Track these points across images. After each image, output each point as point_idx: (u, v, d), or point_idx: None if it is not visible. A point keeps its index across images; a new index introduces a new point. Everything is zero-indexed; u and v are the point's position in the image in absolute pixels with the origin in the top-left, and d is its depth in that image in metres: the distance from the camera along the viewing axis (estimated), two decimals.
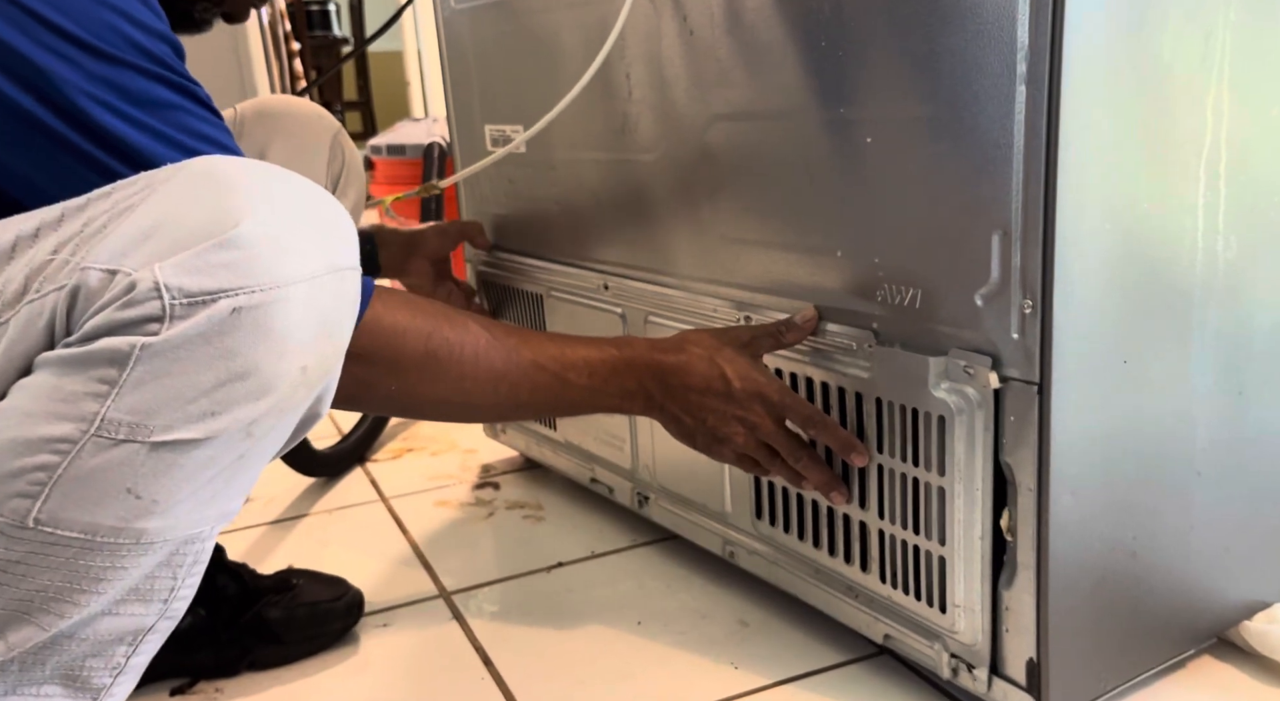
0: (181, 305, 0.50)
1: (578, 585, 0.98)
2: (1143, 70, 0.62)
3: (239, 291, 0.51)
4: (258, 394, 0.53)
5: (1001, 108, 0.60)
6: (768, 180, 0.79)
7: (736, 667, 0.83)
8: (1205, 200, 0.66)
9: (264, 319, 0.51)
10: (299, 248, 0.53)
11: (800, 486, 0.78)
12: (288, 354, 0.53)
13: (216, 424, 0.52)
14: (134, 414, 0.51)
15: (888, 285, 0.71)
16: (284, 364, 0.53)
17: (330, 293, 0.55)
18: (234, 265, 0.51)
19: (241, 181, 0.53)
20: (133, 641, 0.57)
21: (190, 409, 0.51)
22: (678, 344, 0.76)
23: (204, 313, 0.50)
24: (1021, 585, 0.67)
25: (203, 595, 0.84)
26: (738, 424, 0.74)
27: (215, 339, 0.51)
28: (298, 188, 0.56)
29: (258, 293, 0.51)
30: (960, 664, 0.72)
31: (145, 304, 0.50)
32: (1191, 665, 0.77)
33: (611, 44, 0.86)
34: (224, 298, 0.50)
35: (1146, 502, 0.69)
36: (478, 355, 0.71)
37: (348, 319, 0.57)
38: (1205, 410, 0.71)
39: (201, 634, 0.85)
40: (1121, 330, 0.65)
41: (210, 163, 0.54)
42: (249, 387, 0.52)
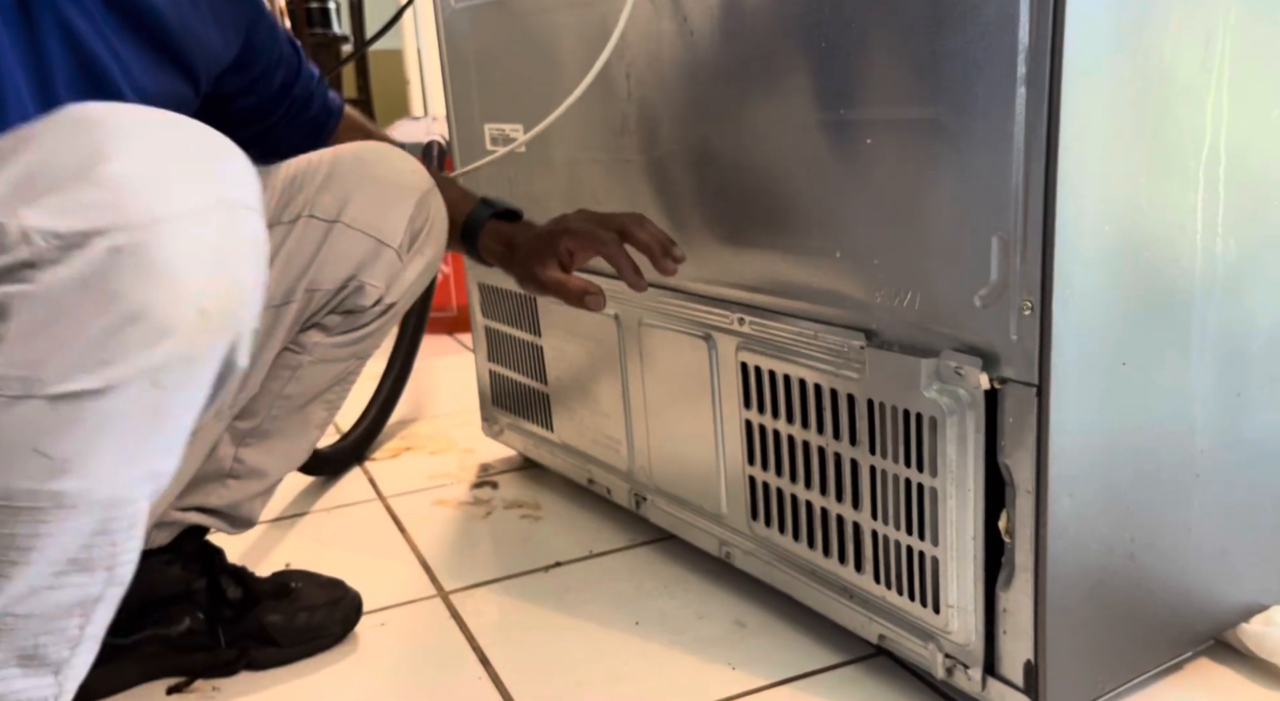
0: (54, 248, 0.48)
1: (575, 585, 0.98)
2: (1143, 73, 0.62)
3: (113, 229, 0.48)
4: (154, 338, 0.50)
5: (1002, 109, 0.60)
6: (767, 181, 0.79)
7: (733, 668, 0.83)
8: (1205, 202, 0.66)
9: (145, 257, 0.49)
10: (177, 182, 0.50)
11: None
12: (180, 294, 0.50)
13: (115, 372, 0.50)
14: (24, 367, 0.49)
15: (887, 286, 0.71)
16: (178, 305, 0.50)
17: (219, 227, 0.51)
18: (105, 203, 0.48)
19: (113, 120, 0.51)
20: (83, 612, 0.56)
21: (84, 357, 0.49)
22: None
23: (80, 255, 0.48)
24: (1019, 587, 0.67)
25: (204, 598, 0.84)
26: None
27: (96, 281, 0.48)
28: (180, 125, 0.53)
29: (136, 230, 0.48)
30: (955, 664, 0.72)
31: (14, 250, 0.48)
32: (1189, 667, 0.77)
33: (614, 44, 0.86)
34: (98, 237, 0.48)
35: (1145, 504, 0.69)
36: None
37: (250, 257, 0.54)
38: (1204, 412, 0.71)
39: (201, 636, 0.84)
40: (1120, 332, 0.65)
41: (82, 107, 0.52)
42: (143, 332, 0.50)
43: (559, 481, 1.22)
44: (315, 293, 0.83)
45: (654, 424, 0.98)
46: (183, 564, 0.85)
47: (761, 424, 0.84)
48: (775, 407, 0.82)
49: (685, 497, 0.97)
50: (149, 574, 0.83)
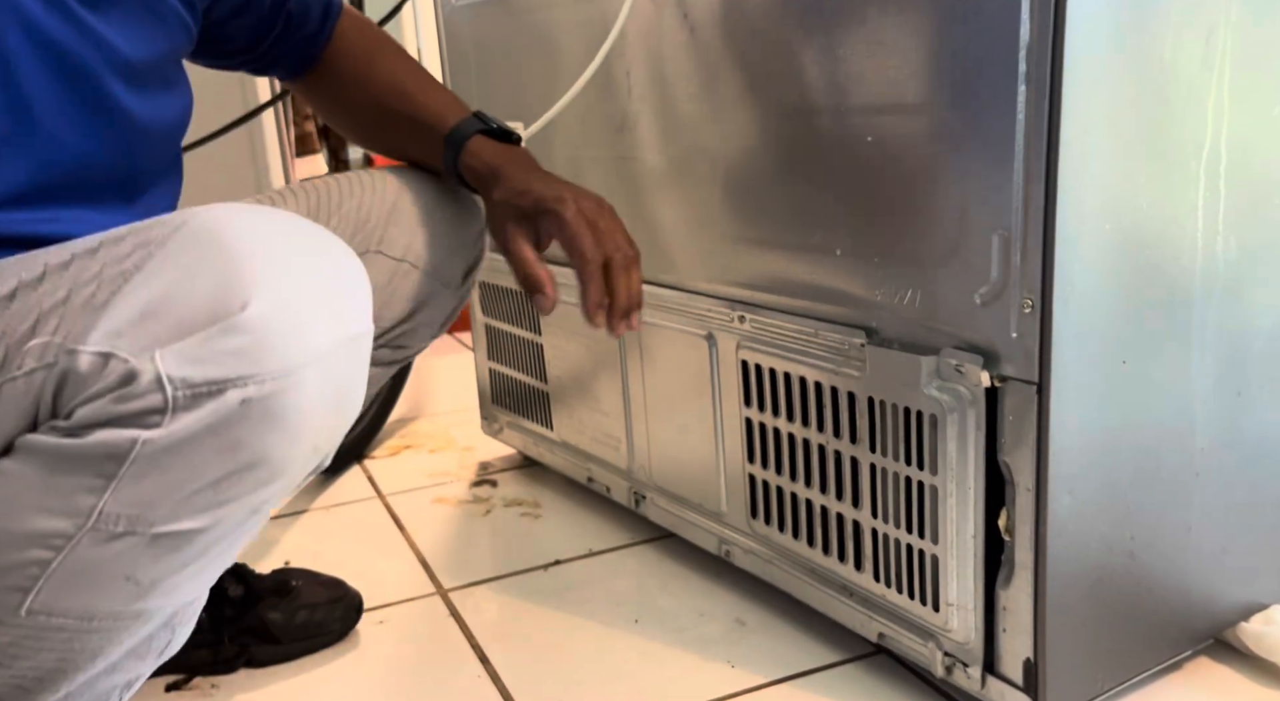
0: (185, 396, 0.46)
1: (575, 583, 0.98)
2: (1144, 70, 0.62)
3: (248, 380, 0.47)
4: (267, 480, 0.50)
5: (1003, 107, 0.60)
6: (768, 178, 0.79)
7: (733, 666, 0.83)
8: (1205, 200, 0.66)
9: (275, 407, 0.48)
10: (311, 324, 0.49)
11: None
12: (300, 438, 0.50)
13: (222, 512, 0.50)
14: (133, 507, 0.48)
15: (887, 284, 0.71)
16: (295, 449, 0.50)
17: (344, 366, 0.51)
18: (242, 352, 0.47)
19: (247, 247, 0.49)
20: (128, 685, 0.57)
21: (195, 501, 0.49)
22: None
23: (210, 405, 0.47)
24: (1019, 585, 0.67)
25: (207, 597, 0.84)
26: None
27: (222, 430, 0.47)
28: (309, 248, 0.52)
29: (268, 381, 0.47)
30: (954, 662, 0.72)
31: (146, 396, 0.46)
32: (1188, 666, 0.77)
33: (612, 41, 0.86)
34: (232, 389, 0.47)
35: (1145, 503, 0.69)
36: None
37: (360, 385, 0.54)
38: (1204, 411, 0.70)
39: (202, 634, 0.84)
40: (1121, 330, 0.65)
41: (212, 222, 0.50)
42: (258, 476, 0.49)
43: (558, 479, 1.22)
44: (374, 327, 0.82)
45: (654, 422, 0.98)
46: None
47: (761, 422, 0.84)
48: (775, 405, 0.82)
49: (685, 496, 0.96)
50: None
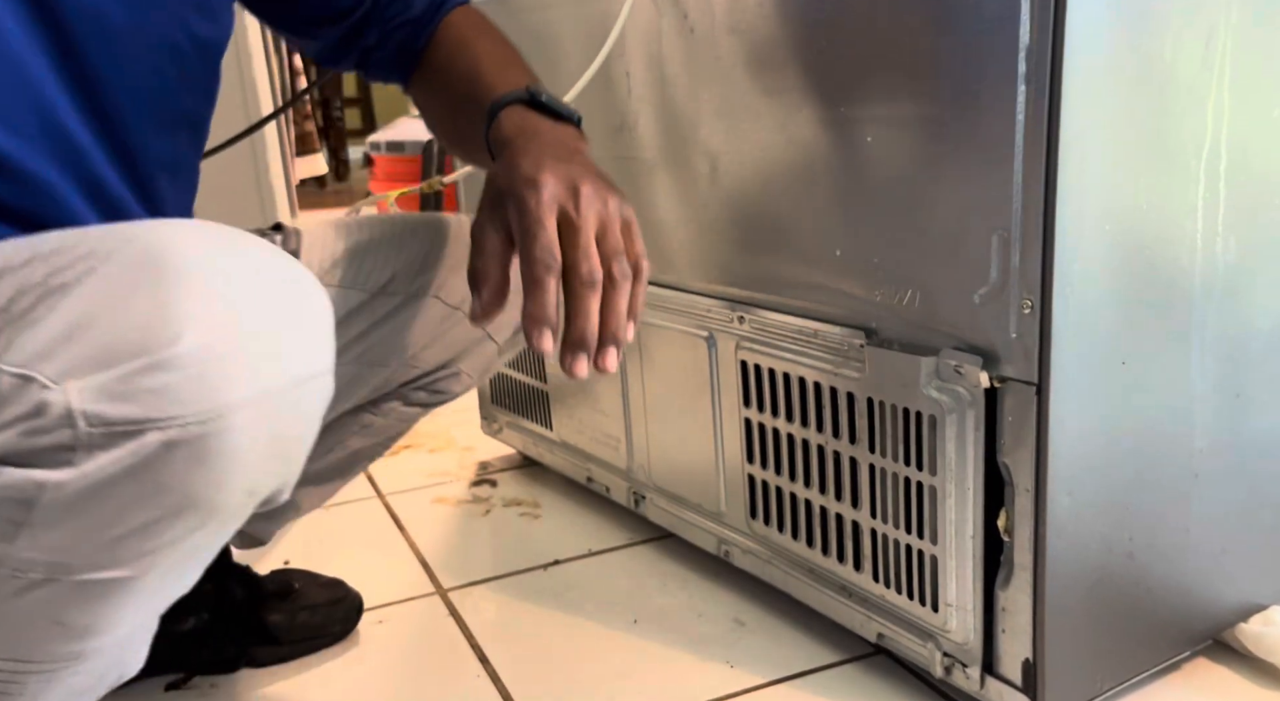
0: (100, 434, 0.42)
1: (574, 583, 0.98)
2: (1144, 71, 0.62)
3: (171, 422, 0.42)
4: (198, 526, 0.45)
5: (1002, 107, 0.60)
6: (767, 179, 0.79)
7: (732, 666, 0.83)
8: (1205, 201, 0.66)
9: (201, 451, 0.43)
10: (250, 362, 0.44)
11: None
12: (231, 484, 0.45)
13: (153, 559, 0.46)
14: (50, 554, 0.44)
15: (886, 284, 0.71)
16: (226, 494, 0.45)
17: (287, 410, 0.45)
18: (168, 391, 0.42)
19: (193, 273, 0.44)
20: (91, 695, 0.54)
21: (120, 548, 0.44)
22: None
23: (128, 446, 0.42)
24: (1018, 585, 0.67)
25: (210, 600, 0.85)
26: None
27: (142, 474, 0.42)
28: (266, 279, 0.46)
29: (193, 424, 0.42)
30: (953, 662, 0.72)
31: (55, 432, 0.42)
32: (1187, 667, 0.77)
33: (613, 42, 0.86)
34: (152, 430, 0.42)
35: (1144, 504, 0.69)
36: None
37: (308, 433, 0.48)
38: (1203, 412, 0.71)
39: (204, 634, 0.85)
40: (1120, 331, 0.65)
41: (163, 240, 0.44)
42: (188, 522, 0.45)
43: (558, 479, 1.22)
44: (413, 368, 0.81)
45: (653, 422, 0.98)
46: None
47: (761, 422, 0.84)
48: (775, 406, 0.82)
49: (684, 496, 0.96)
50: None
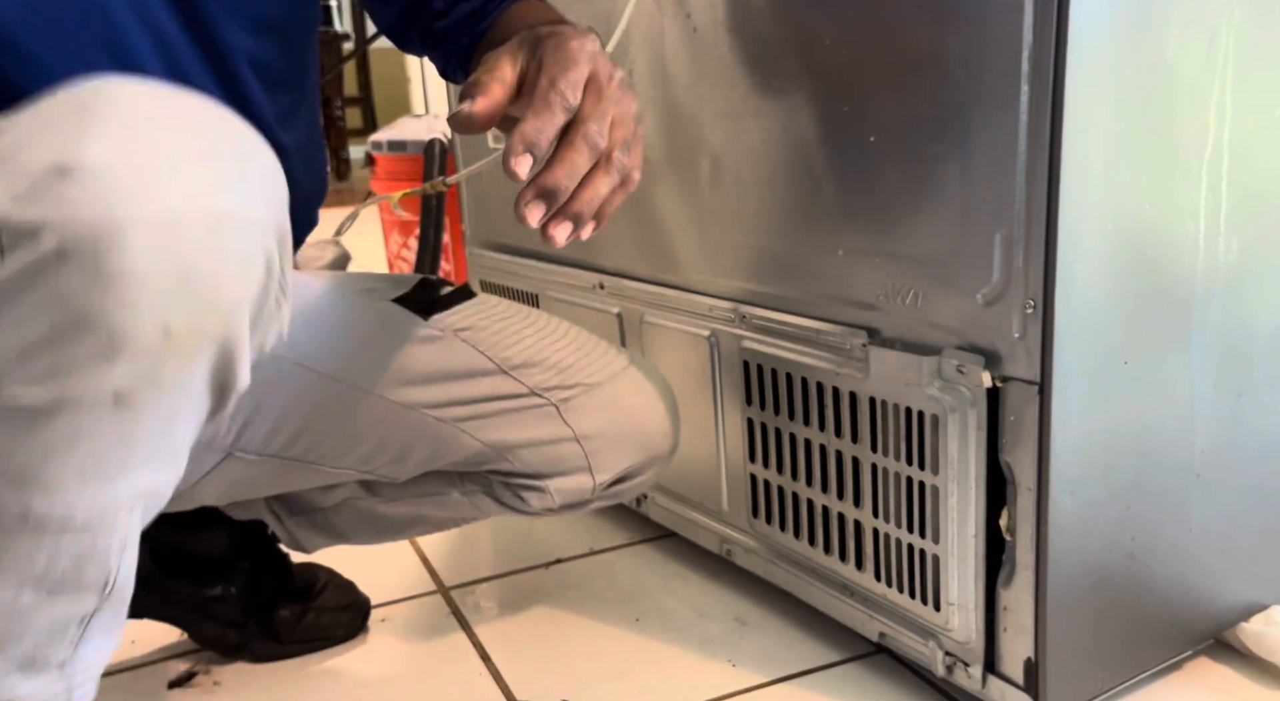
0: (7, 237, 0.42)
1: (576, 581, 0.98)
2: (1146, 71, 0.62)
3: (66, 226, 0.42)
4: (107, 352, 0.44)
5: (1005, 107, 0.60)
6: (770, 178, 0.79)
7: (734, 665, 0.83)
8: (1207, 202, 0.66)
9: (95, 262, 0.42)
10: (158, 182, 0.43)
11: None
12: (135, 306, 0.43)
13: (66, 387, 0.44)
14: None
15: (889, 284, 0.71)
16: (134, 320, 0.44)
17: (197, 242, 0.44)
18: (69, 196, 0.42)
19: (113, 100, 0.44)
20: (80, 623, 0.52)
21: (32, 365, 0.44)
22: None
23: (27, 246, 0.42)
24: (1020, 585, 0.67)
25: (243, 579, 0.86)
26: None
27: (40, 279, 0.42)
28: (196, 115, 0.46)
29: (87, 231, 0.42)
30: (955, 661, 0.72)
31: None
32: (1188, 666, 0.78)
33: (616, 41, 0.86)
34: (47, 231, 0.42)
35: (1146, 503, 0.70)
36: None
37: (230, 276, 0.46)
38: (1205, 412, 0.71)
39: (221, 607, 0.85)
40: (1122, 331, 0.65)
41: (103, 79, 0.45)
42: (94, 344, 0.44)
43: None
44: (507, 461, 0.78)
45: None
46: (237, 541, 0.86)
47: (763, 421, 0.84)
48: (777, 405, 0.82)
49: (686, 495, 0.97)
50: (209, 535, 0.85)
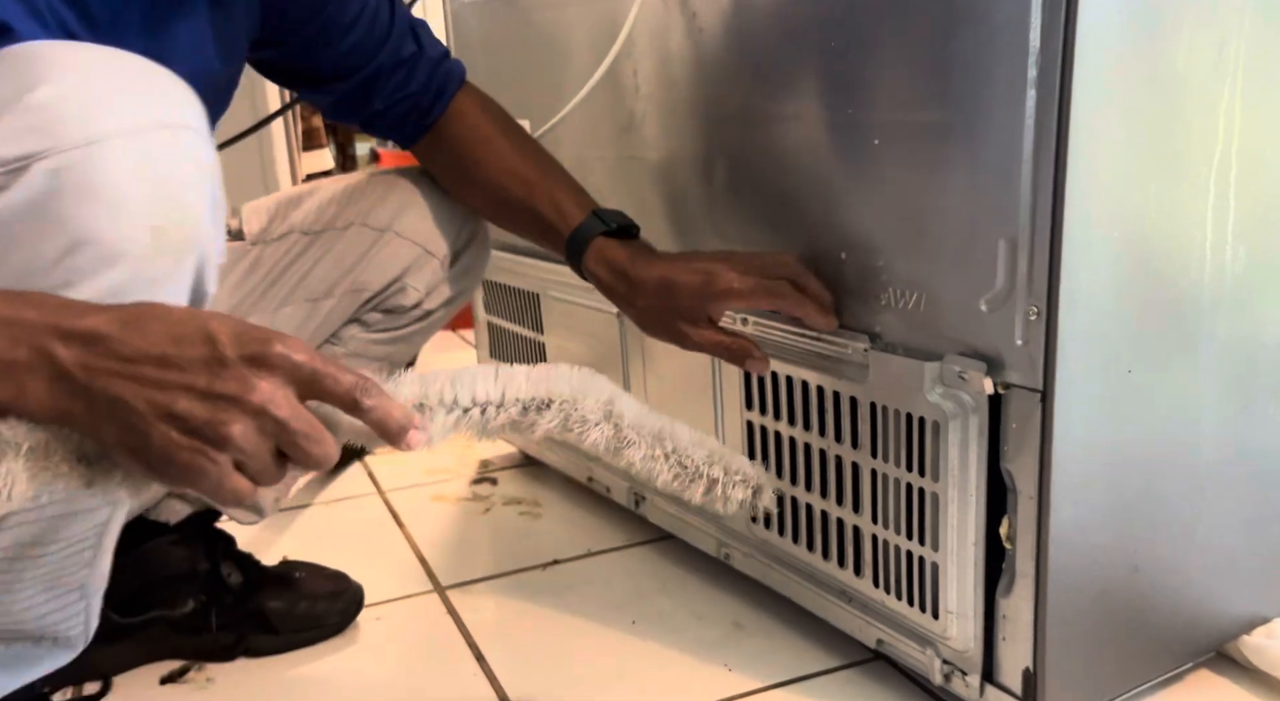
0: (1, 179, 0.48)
1: (573, 583, 0.98)
2: (1155, 77, 0.61)
3: (49, 152, 0.48)
4: (110, 258, 0.50)
5: (1011, 112, 0.60)
6: (774, 181, 0.78)
7: (730, 670, 0.82)
8: (1215, 210, 0.66)
9: (83, 177, 0.49)
10: (110, 104, 0.50)
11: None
12: (125, 214, 0.50)
13: (80, 292, 0.49)
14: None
15: (892, 289, 0.70)
16: (126, 226, 0.50)
17: (159, 146, 0.51)
18: (38, 127, 0.48)
19: (47, 52, 0.51)
20: (96, 535, 0.58)
21: (45, 281, 0.48)
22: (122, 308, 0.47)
23: (22, 179, 0.48)
24: (1019, 593, 0.67)
25: (206, 582, 0.85)
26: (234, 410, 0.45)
27: (40, 206, 0.48)
28: (117, 57, 0.53)
29: (70, 151, 0.48)
30: (953, 670, 0.72)
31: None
32: (1189, 678, 0.77)
33: (622, 42, 0.86)
34: (36, 162, 0.48)
35: (1149, 514, 0.69)
36: None
37: (194, 176, 0.53)
38: (1211, 422, 0.70)
39: (201, 619, 0.85)
40: (1127, 339, 0.64)
41: (26, 44, 0.52)
42: (95, 254, 0.49)
43: (558, 479, 1.22)
44: (360, 293, 0.87)
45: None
46: (188, 545, 0.85)
47: (763, 425, 0.83)
48: (777, 409, 0.82)
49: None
50: (155, 553, 0.85)
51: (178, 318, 0.46)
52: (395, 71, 0.84)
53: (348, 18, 0.81)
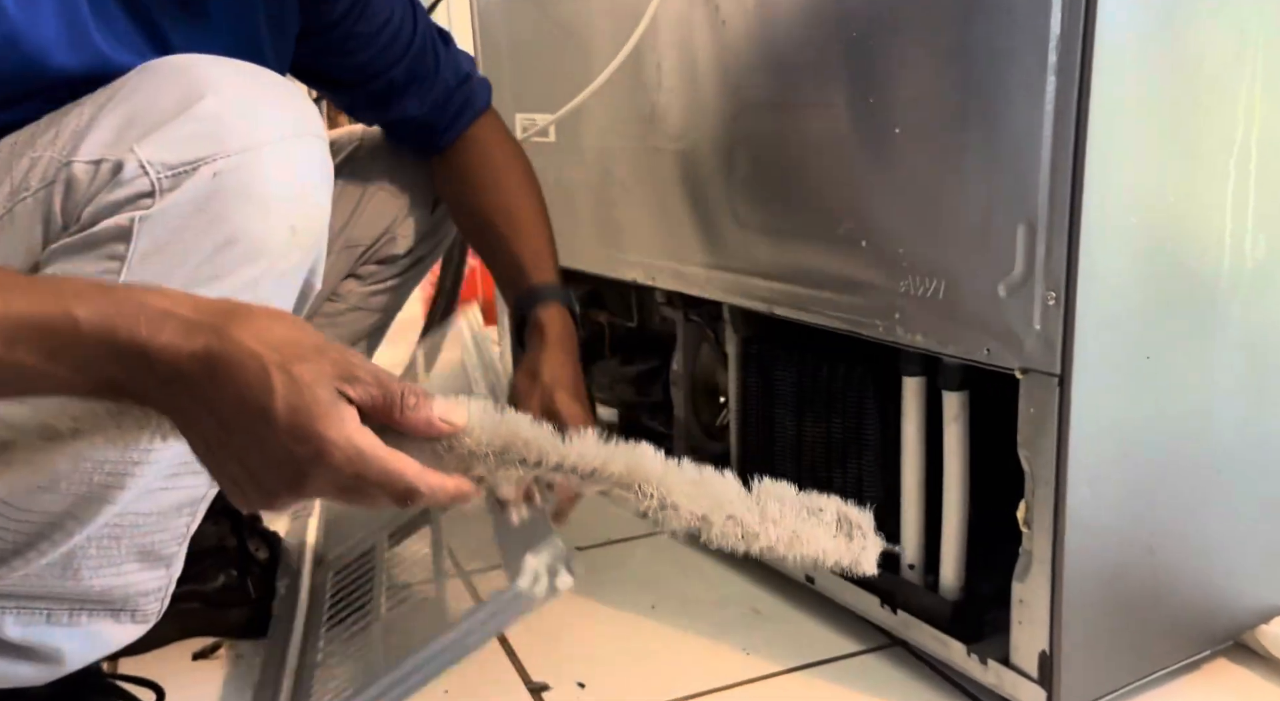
0: (167, 177, 0.54)
1: (593, 569, 0.99)
2: (1174, 64, 0.62)
3: (215, 157, 0.55)
4: (253, 255, 0.56)
5: (1031, 99, 0.60)
6: (795, 169, 0.79)
7: (748, 653, 0.83)
8: (1234, 197, 0.66)
9: (243, 180, 0.55)
10: (262, 115, 0.57)
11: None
12: (272, 214, 0.56)
13: (222, 286, 0.56)
14: (149, 283, 0.52)
15: (912, 275, 0.71)
16: (270, 223, 0.56)
17: (301, 152, 0.58)
18: (206, 135, 0.55)
19: (198, 66, 0.57)
20: (191, 510, 0.64)
21: (197, 272, 0.55)
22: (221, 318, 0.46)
23: (189, 181, 0.54)
24: (1036, 577, 0.67)
25: (236, 557, 0.87)
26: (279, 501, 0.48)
27: (204, 204, 0.55)
28: (253, 70, 0.60)
29: (233, 156, 0.55)
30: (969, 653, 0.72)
31: (134, 182, 0.54)
32: (1206, 667, 0.77)
33: (642, 31, 0.87)
34: (204, 165, 0.54)
35: (1165, 499, 0.69)
36: None
37: (323, 181, 0.61)
38: (1228, 409, 0.70)
39: (234, 593, 0.87)
40: (1145, 325, 0.65)
41: (166, 59, 0.58)
42: (243, 249, 0.56)
43: None
44: (355, 248, 0.91)
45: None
46: (215, 522, 0.87)
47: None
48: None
49: None
50: None
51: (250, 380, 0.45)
52: (409, 87, 0.86)
53: (368, 31, 0.82)
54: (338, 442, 0.46)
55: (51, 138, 0.57)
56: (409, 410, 0.48)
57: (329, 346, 0.47)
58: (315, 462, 0.46)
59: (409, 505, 0.49)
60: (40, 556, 0.60)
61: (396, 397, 0.48)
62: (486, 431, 0.51)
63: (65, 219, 0.56)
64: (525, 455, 0.52)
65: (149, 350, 0.44)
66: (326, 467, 0.46)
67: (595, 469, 0.52)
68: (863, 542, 0.54)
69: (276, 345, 0.45)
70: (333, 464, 0.46)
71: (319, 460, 0.46)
